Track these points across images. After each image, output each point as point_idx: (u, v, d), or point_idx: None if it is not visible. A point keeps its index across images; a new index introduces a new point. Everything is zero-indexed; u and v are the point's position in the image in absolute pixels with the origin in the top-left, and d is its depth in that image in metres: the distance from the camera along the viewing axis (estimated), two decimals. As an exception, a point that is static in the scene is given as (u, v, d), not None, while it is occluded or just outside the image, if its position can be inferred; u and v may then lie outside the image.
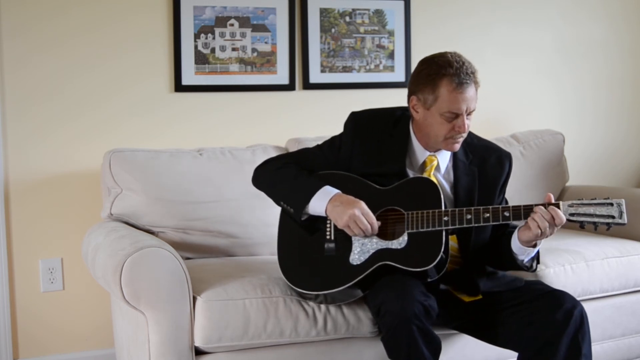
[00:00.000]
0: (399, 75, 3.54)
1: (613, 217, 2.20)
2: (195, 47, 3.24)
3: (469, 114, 2.30)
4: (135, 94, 3.19)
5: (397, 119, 2.45)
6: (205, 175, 2.92)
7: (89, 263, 2.60)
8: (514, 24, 3.77)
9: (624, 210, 2.20)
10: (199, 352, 2.37)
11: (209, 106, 3.30)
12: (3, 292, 3.03)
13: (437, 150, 2.41)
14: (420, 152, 2.42)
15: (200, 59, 3.25)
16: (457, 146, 2.36)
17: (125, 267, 2.26)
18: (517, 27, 3.78)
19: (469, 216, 2.25)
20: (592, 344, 2.87)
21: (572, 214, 2.22)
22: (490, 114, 3.70)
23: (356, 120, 2.48)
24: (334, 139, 2.52)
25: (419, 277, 2.27)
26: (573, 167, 3.74)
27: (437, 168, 2.41)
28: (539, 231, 2.20)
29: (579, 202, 2.23)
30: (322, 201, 2.32)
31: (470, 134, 2.49)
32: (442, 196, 2.30)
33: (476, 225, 2.26)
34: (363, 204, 2.29)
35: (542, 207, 2.21)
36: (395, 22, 3.55)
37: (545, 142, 3.51)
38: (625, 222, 2.21)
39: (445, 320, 2.42)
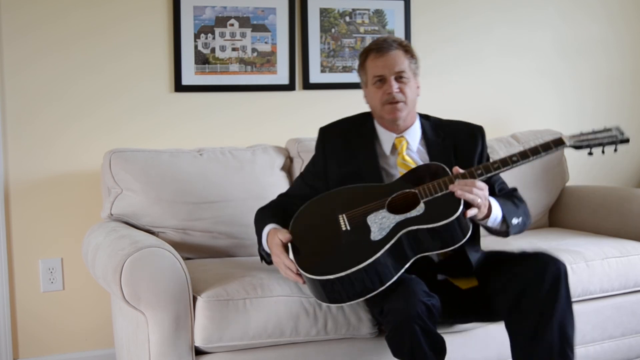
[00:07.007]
0: (399, 75, 3.54)
1: (616, 136, 2.29)
2: (195, 47, 3.24)
3: (399, 78, 2.42)
4: (136, 95, 3.19)
5: (362, 121, 2.57)
6: (205, 175, 2.92)
7: (89, 263, 2.60)
8: (513, 25, 3.77)
9: (623, 131, 2.30)
10: (199, 352, 2.37)
11: (209, 106, 3.30)
12: (3, 292, 3.03)
13: (403, 130, 2.50)
14: (387, 137, 2.52)
15: (200, 59, 3.25)
16: (399, 114, 2.45)
17: (125, 267, 2.26)
18: (517, 28, 3.78)
19: (479, 171, 2.31)
20: (592, 344, 2.88)
21: (576, 142, 2.30)
22: (490, 114, 3.70)
23: (323, 133, 2.60)
24: (312, 158, 2.62)
25: (422, 273, 2.28)
26: (573, 167, 3.74)
27: (409, 148, 2.50)
28: (474, 198, 2.24)
29: (578, 133, 2.31)
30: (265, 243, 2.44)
31: (437, 118, 2.61)
32: (449, 170, 2.35)
33: (489, 175, 2.31)
34: (276, 250, 2.35)
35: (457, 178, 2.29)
36: (395, 22, 3.54)
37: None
38: (629, 138, 2.31)
39: (446, 311, 2.41)
